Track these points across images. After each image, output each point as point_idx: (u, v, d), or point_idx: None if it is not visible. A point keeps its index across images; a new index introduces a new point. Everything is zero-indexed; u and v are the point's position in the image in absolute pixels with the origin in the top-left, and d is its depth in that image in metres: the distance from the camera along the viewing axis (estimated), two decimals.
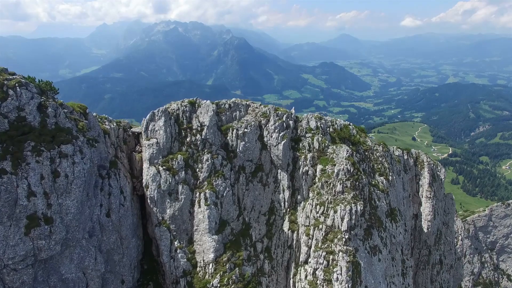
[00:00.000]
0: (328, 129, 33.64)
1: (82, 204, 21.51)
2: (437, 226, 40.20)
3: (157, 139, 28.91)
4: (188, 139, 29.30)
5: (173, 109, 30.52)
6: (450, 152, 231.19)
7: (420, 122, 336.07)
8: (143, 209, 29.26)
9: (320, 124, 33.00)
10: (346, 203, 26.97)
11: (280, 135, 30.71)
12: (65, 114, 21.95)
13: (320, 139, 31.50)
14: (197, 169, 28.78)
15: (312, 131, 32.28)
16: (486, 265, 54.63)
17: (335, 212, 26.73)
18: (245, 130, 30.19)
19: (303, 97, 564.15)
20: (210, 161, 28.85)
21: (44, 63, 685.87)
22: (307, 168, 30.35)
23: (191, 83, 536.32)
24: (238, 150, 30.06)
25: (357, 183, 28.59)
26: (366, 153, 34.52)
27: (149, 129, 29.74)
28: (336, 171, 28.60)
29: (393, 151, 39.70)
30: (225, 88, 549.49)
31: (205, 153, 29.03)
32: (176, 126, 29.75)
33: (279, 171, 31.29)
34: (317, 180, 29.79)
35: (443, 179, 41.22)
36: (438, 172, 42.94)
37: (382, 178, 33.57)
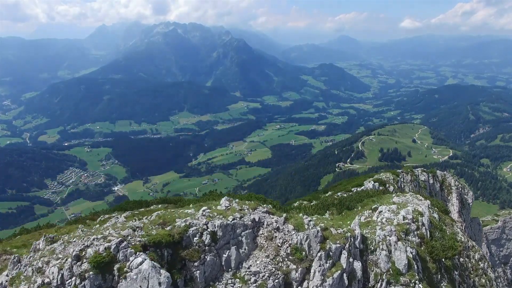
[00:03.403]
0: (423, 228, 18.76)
1: None
2: None
3: None
4: None
5: None
6: (451, 154, 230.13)
7: (420, 124, 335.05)
8: None
9: (411, 251, 16.99)
10: None
11: None
12: None
13: None
14: None
15: None
16: (499, 280, 53.19)
17: None
18: None
19: (303, 98, 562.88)
20: None
21: (43, 64, 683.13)
22: None
23: (190, 84, 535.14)
24: None
25: None
26: (462, 259, 21.05)
27: None
28: None
29: (418, 175, 34.72)
30: (225, 89, 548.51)
31: None
32: None
33: None
34: None
35: (470, 203, 37.54)
36: (465, 196, 38.42)
37: None
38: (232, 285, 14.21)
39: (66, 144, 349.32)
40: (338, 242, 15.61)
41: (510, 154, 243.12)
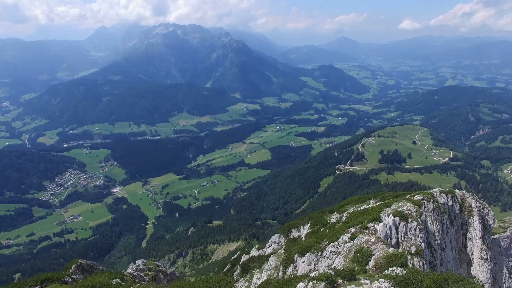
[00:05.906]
0: None
1: None
2: None
3: None
4: None
5: None
6: (451, 156, 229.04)
7: (419, 125, 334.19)
8: None
9: None
10: None
11: None
12: None
13: None
14: None
15: None
16: None
17: None
18: None
19: (302, 100, 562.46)
20: None
21: (43, 65, 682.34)
22: None
23: (190, 85, 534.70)
24: None
25: None
26: None
27: None
28: None
29: (437, 198, 31.86)
30: (224, 91, 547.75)
31: None
32: None
33: None
34: None
35: (492, 224, 33.76)
36: (486, 217, 35.03)
37: None
38: None
39: (65, 145, 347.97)
40: None
41: (511, 156, 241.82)
